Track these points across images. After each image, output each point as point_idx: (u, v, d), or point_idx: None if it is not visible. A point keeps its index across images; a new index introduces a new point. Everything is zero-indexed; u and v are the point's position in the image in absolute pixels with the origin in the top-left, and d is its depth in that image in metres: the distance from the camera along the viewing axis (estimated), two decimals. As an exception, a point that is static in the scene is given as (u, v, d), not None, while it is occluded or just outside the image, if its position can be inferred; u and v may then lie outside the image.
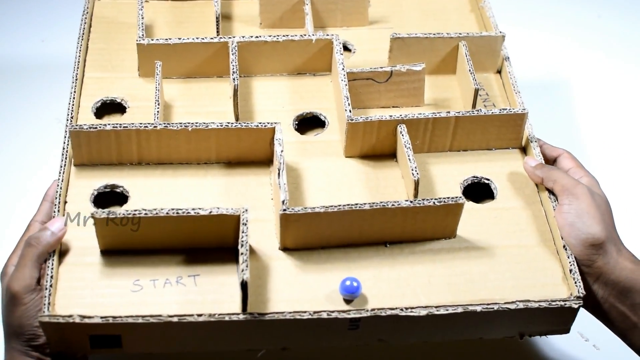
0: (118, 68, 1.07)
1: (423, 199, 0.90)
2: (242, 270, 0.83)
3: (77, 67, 1.05)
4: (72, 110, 1.00)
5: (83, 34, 1.09)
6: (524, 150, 1.02)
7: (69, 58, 1.07)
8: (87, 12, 1.12)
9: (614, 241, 0.92)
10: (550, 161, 1.01)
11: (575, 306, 0.89)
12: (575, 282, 0.89)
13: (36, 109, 1.34)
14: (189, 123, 0.95)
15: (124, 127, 0.94)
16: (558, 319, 0.91)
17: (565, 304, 0.89)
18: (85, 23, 1.10)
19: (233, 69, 1.01)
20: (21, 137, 1.31)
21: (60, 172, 0.95)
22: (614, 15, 1.54)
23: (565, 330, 0.93)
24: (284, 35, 1.04)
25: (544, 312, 0.89)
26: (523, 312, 0.89)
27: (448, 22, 1.15)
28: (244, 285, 0.83)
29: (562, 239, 0.92)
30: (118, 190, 0.96)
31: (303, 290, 0.89)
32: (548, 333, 0.93)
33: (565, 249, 0.91)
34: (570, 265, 0.90)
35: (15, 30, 1.46)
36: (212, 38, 1.03)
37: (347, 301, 0.88)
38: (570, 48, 1.48)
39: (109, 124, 0.94)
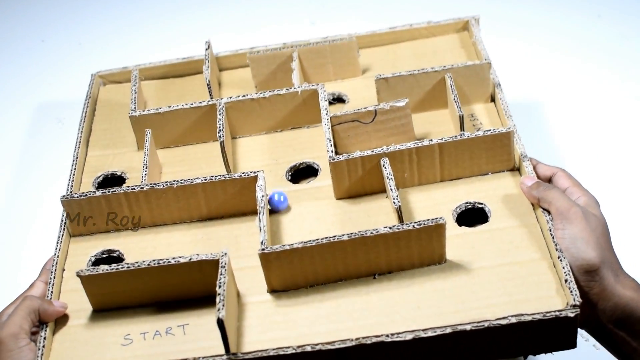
0: (119, 144, 1.12)
1: (402, 224, 0.89)
2: (219, 310, 0.83)
3: (79, 148, 1.09)
4: (72, 187, 1.04)
5: (85, 117, 1.14)
6: (519, 170, 1.00)
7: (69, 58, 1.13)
8: (90, 97, 1.17)
9: (610, 266, 0.89)
10: (545, 181, 0.98)
11: (572, 315, 0.84)
12: (571, 291, 0.85)
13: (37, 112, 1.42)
14: (174, 181, 0.97)
15: (112, 191, 0.97)
16: (558, 332, 0.87)
17: (560, 314, 0.85)
18: (87, 107, 1.15)
19: (220, 127, 1.03)
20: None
21: (57, 242, 0.98)
22: (614, 15, 1.53)
23: (571, 344, 0.88)
24: (270, 91, 1.07)
25: (541, 326, 0.86)
26: (518, 328, 0.85)
27: (443, 62, 1.15)
28: (220, 324, 0.83)
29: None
30: (114, 254, 0.99)
31: (290, 328, 0.88)
32: (554, 349, 0.89)
33: (561, 260, 0.88)
34: (566, 275, 0.86)
35: (16, 30, 1.53)
36: (200, 102, 1.06)
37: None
38: (569, 48, 1.48)
39: (98, 191, 0.98)
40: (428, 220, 0.88)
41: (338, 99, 1.15)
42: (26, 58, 1.54)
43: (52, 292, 0.93)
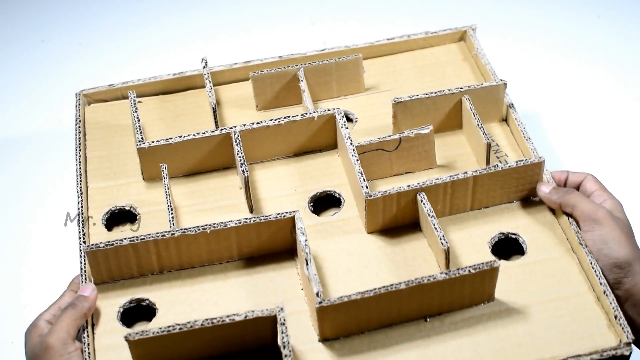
0: (121, 174, 1.05)
1: (458, 269, 0.88)
2: (290, 374, 0.81)
3: (80, 180, 1.02)
4: (83, 226, 0.98)
5: (79, 143, 1.06)
6: (545, 197, 1.00)
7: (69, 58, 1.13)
8: (80, 120, 1.09)
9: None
10: (576, 187, 1.00)
11: (627, 353, 0.87)
12: (623, 328, 0.87)
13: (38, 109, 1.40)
14: (206, 225, 0.92)
15: (141, 239, 0.92)
16: None
17: (617, 353, 0.87)
18: (79, 132, 1.08)
19: (240, 160, 0.98)
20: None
21: None
22: (614, 15, 1.54)
23: None
24: (285, 117, 1.02)
25: None
26: None
27: (445, 75, 1.14)
28: (294, 389, 0.81)
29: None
30: (144, 303, 0.94)
31: None
32: None
33: (607, 295, 0.89)
34: (614, 310, 0.88)
35: (15, 30, 1.49)
36: (212, 131, 1.01)
37: None
38: (569, 49, 1.48)
39: (125, 239, 0.92)
40: (483, 264, 0.88)
41: (345, 118, 1.11)
42: (26, 58, 1.47)
43: (88, 352, 0.88)
